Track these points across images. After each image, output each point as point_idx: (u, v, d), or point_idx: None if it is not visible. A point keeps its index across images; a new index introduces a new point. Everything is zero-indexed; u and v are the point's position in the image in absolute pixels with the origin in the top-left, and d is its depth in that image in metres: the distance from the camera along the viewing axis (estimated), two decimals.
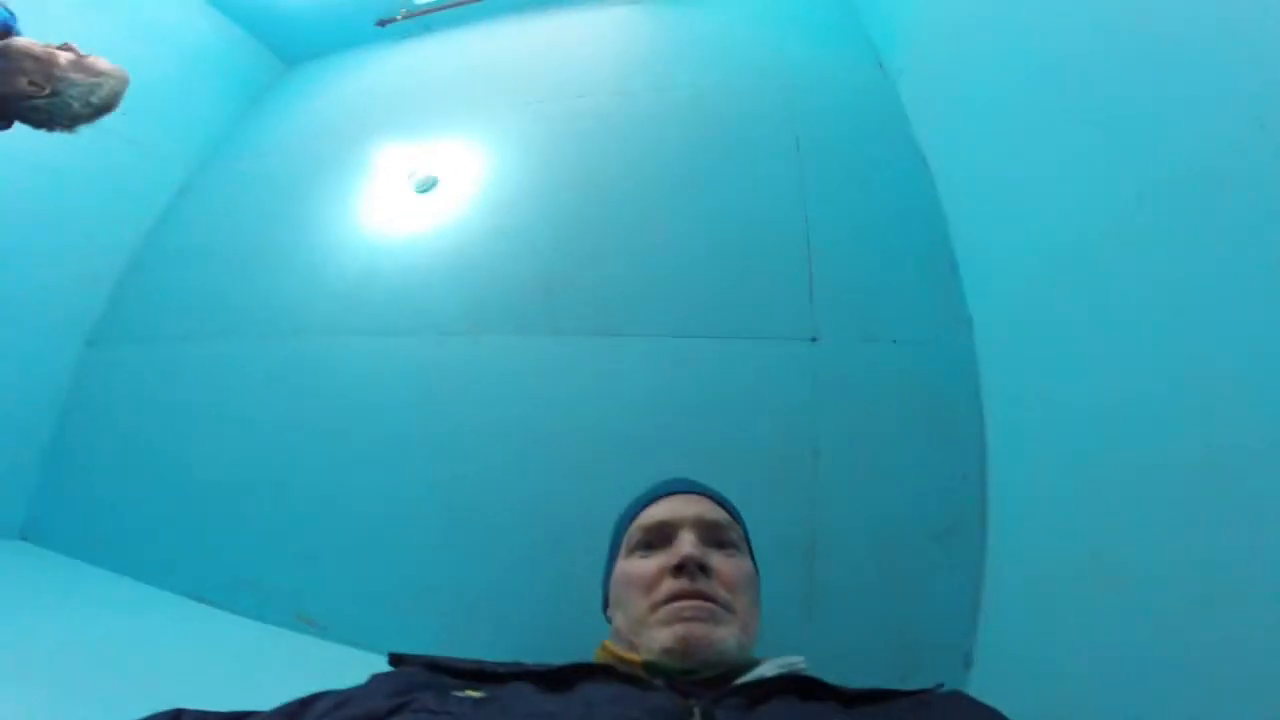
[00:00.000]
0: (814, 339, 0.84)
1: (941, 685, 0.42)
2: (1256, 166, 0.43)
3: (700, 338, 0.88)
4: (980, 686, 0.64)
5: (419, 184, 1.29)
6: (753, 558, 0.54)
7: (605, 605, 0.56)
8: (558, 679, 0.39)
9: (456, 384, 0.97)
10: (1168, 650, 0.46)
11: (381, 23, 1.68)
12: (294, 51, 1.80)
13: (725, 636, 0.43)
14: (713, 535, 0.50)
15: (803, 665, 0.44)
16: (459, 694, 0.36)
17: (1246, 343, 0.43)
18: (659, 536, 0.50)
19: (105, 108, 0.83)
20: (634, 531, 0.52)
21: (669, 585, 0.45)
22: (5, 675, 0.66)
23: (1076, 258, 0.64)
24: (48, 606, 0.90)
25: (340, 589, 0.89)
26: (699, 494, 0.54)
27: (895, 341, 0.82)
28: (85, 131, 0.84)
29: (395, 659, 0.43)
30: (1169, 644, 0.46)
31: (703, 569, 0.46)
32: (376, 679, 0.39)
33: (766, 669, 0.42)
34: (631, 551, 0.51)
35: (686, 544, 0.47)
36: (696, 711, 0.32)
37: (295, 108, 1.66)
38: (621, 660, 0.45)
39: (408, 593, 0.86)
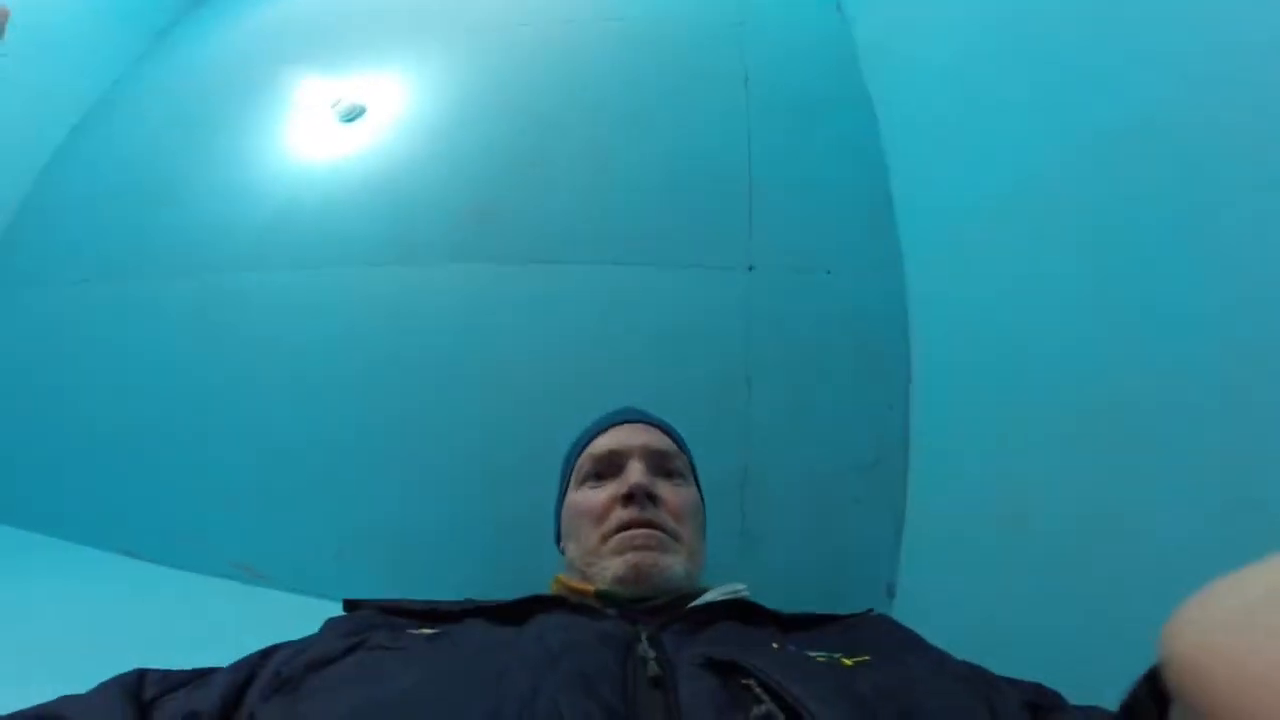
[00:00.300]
0: (750, 268, 0.84)
1: (871, 610, 0.44)
2: (1185, 124, 0.44)
3: (639, 265, 0.86)
4: (902, 616, 0.67)
5: (343, 113, 1.18)
6: (699, 486, 0.54)
7: (558, 537, 0.56)
8: (511, 613, 0.39)
9: (387, 315, 0.92)
10: (1066, 586, 0.49)
11: None
12: None
13: (673, 564, 0.44)
14: (660, 464, 0.50)
15: (745, 592, 0.45)
16: (413, 631, 0.36)
17: (1166, 295, 0.44)
18: (608, 466, 0.50)
19: None
20: (583, 461, 0.52)
21: (619, 515, 0.45)
22: None
23: (1011, 204, 0.65)
24: None
25: (278, 535, 0.85)
26: (647, 423, 0.54)
27: (828, 273, 0.82)
28: None
29: (350, 604, 0.43)
30: (1067, 580, 0.49)
31: (651, 498, 0.46)
32: (330, 623, 0.39)
33: (711, 596, 0.43)
34: (581, 482, 0.51)
35: (635, 473, 0.47)
36: (644, 636, 0.33)
37: (205, 42, 1.50)
38: (574, 591, 0.45)
39: (348, 535, 0.83)
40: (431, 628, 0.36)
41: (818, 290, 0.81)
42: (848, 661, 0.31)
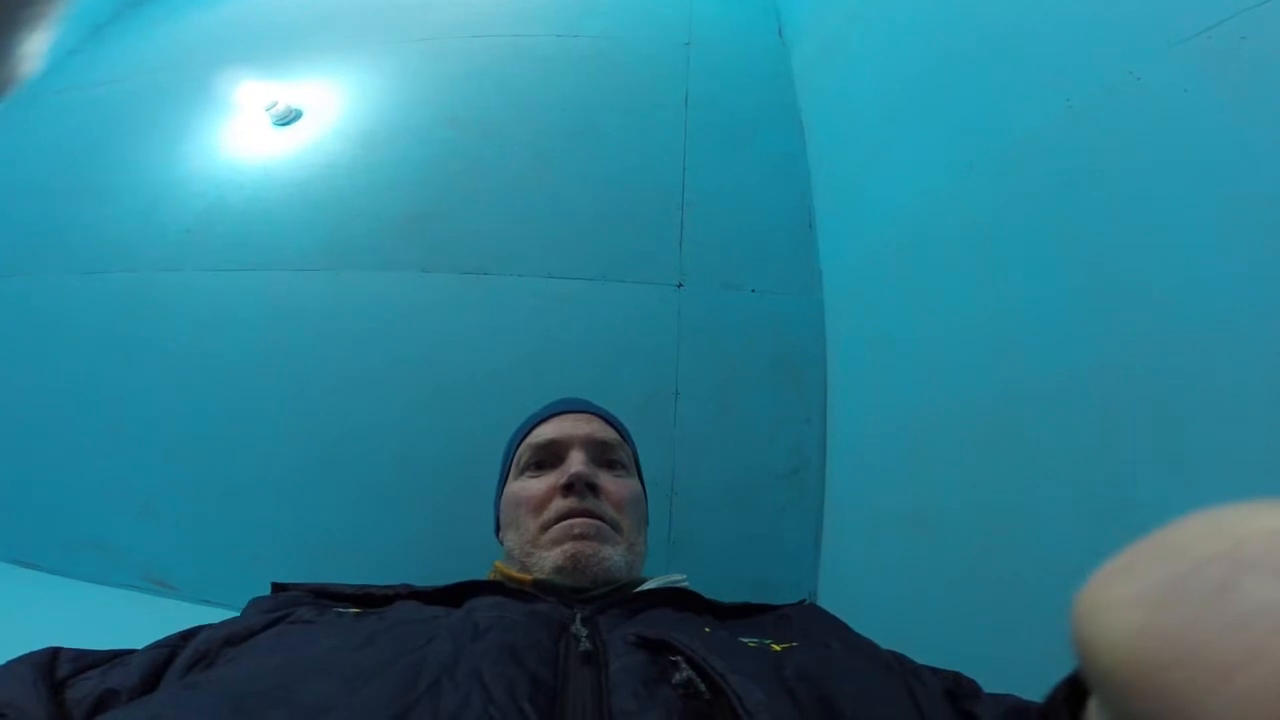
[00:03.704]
0: (680, 285, 0.81)
1: (804, 601, 0.43)
2: (1066, 137, 0.46)
3: (571, 279, 0.82)
4: None
5: (278, 116, 1.08)
6: (641, 478, 0.52)
7: (497, 528, 0.52)
8: (445, 596, 0.36)
9: (314, 322, 0.85)
10: (971, 582, 0.49)
11: None
12: None
13: (612, 555, 0.42)
14: (602, 454, 0.48)
15: (684, 582, 0.43)
16: (341, 610, 0.33)
17: (1058, 307, 0.45)
18: (549, 455, 0.47)
19: None
20: (524, 450, 0.49)
21: (558, 505, 0.43)
22: None
23: (920, 223, 0.66)
24: None
25: (192, 547, 0.77)
26: (590, 413, 0.51)
27: (754, 291, 0.81)
28: None
29: (277, 587, 0.39)
30: (971, 577, 0.49)
31: (591, 488, 0.44)
32: (254, 601, 0.36)
33: (650, 585, 0.42)
34: (521, 471, 0.48)
35: (576, 462, 0.45)
36: (578, 616, 0.31)
37: (136, 41, 1.36)
38: (511, 579, 0.43)
39: (267, 544, 0.75)
40: (360, 608, 0.34)
41: (743, 307, 0.80)
42: (776, 647, 0.30)
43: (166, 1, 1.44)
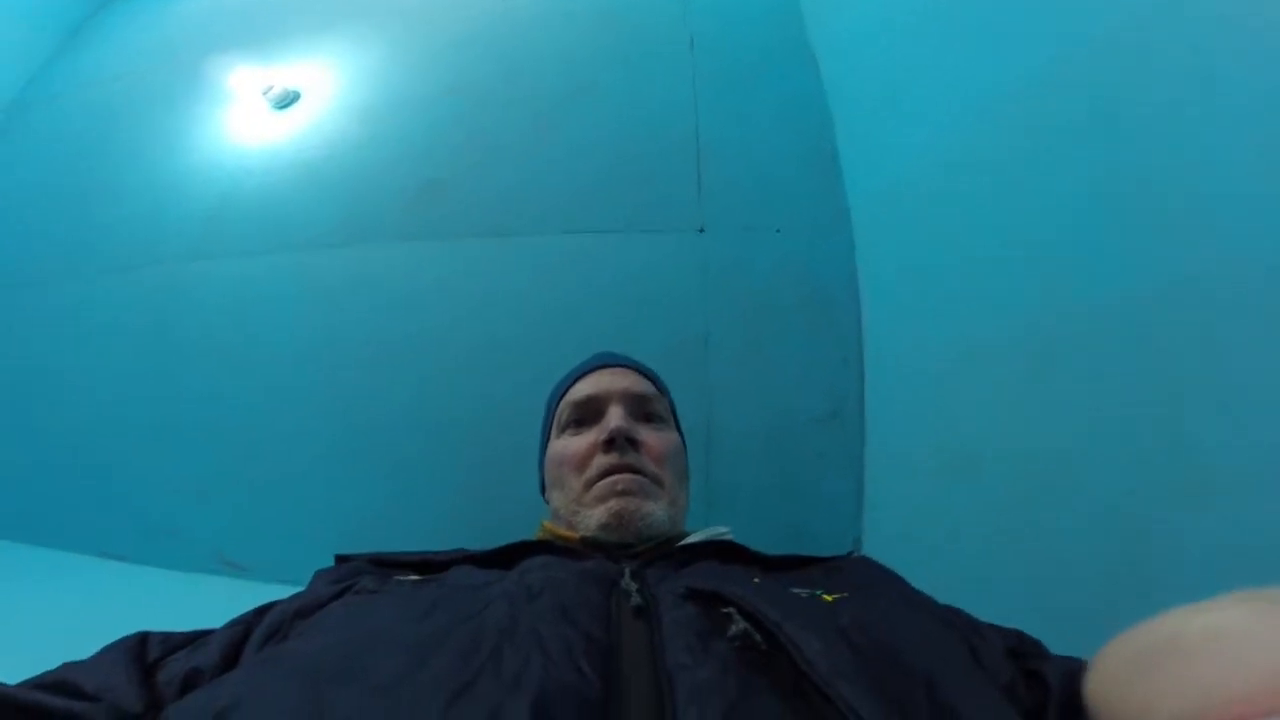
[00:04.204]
0: (701, 230, 0.78)
1: (854, 552, 0.42)
2: (1092, 73, 0.42)
3: (591, 233, 0.80)
4: None
5: (276, 99, 1.06)
6: (679, 430, 0.51)
7: (542, 488, 0.52)
8: (499, 558, 0.36)
9: (340, 297, 0.85)
10: (1017, 527, 0.47)
11: None
12: None
13: (655, 510, 0.41)
14: (640, 408, 0.47)
15: (729, 534, 0.43)
16: (401, 578, 0.34)
17: (1109, 233, 0.41)
18: (588, 412, 0.47)
19: None
20: (563, 409, 0.49)
21: (600, 461, 0.43)
22: None
23: (949, 154, 0.63)
24: None
25: (257, 527, 0.79)
26: (626, 367, 0.51)
27: (779, 231, 0.77)
28: None
29: (340, 558, 0.40)
30: (1018, 522, 0.47)
31: (632, 442, 0.43)
32: (319, 573, 0.38)
33: (694, 538, 0.42)
34: (562, 430, 0.48)
35: (615, 417, 0.44)
36: (627, 571, 0.31)
37: (123, 34, 1.34)
38: (559, 537, 0.43)
39: (323, 520, 0.77)
40: (421, 576, 0.34)
41: (768, 248, 0.77)
42: (828, 598, 0.29)
43: None
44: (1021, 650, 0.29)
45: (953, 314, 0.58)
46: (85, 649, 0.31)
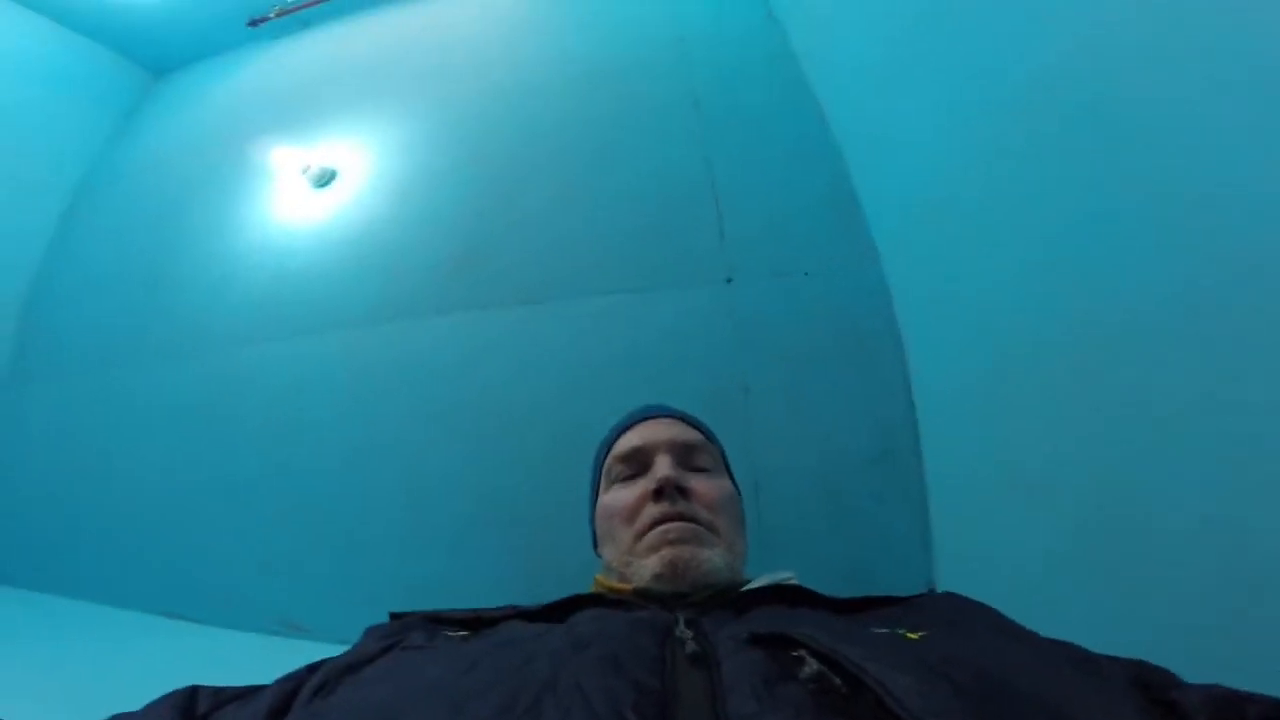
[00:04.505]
0: (729, 280, 0.79)
1: (933, 589, 0.38)
2: (1107, 73, 0.41)
3: (621, 293, 0.82)
4: None
5: (315, 178, 1.13)
6: (732, 478, 0.49)
7: (595, 543, 0.51)
8: (549, 613, 0.35)
9: (384, 372, 0.89)
10: (1103, 556, 0.44)
11: (253, 22, 1.45)
12: (163, 62, 1.56)
13: (711, 556, 0.39)
14: (688, 457, 0.46)
15: (794, 579, 0.41)
16: (450, 634, 0.33)
17: (1135, 241, 0.40)
18: (636, 464, 0.46)
19: None
20: (611, 463, 0.48)
21: (650, 511, 0.42)
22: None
23: (964, 175, 0.62)
24: (27, 642, 0.83)
25: (315, 590, 0.81)
26: (672, 417, 0.50)
27: (806, 275, 0.77)
28: None
29: (395, 616, 0.40)
30: (1096, 555, 0.44)
31: (681, 491, 0.42)
32: (370, 630, 0.37)
33: (757, 583, 0.40)
34: (611, 484, 0.47)
35: (663, 467, 0.43)
36: (680, 619, 0.29)
37: (171, 119, 1.45)
38: (613, 590, 0.42)
39: (380, 582, 0.78)
40: (470, 631, 0.34)
41: (799, 292, 0.77)
42: (911, 635, 0.27)
43: (184, 78, 1.54)
44: (1148, 680, 0.26)
45: (997, 333, 0.56)
46: (144, 701, 0.32)
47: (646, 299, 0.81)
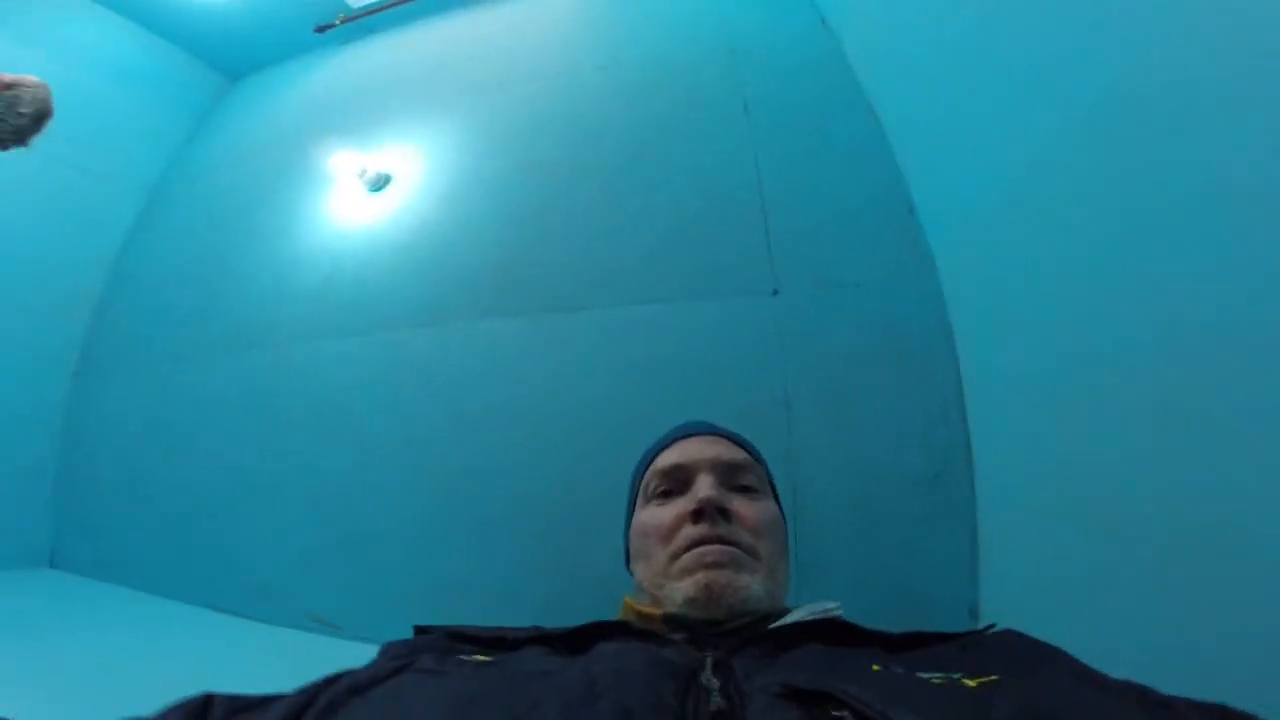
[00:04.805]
0: (775, 291, 0.76)
1: (993, 626, 0.36)
2: (1180, 81, 0.38)
3: (663, 302, 0.81)
4: None
5: (371, 182, 1.18)
6: (777, 501, 0.47)
7: (627, 559, 0.48)
8: (572, 641, 0.34)
9: (429, 373, 0.91)
10: (1175, 603, 0.40)
11: (320, 29, 1.53)
12: (235, 66, 1.66)
13: (750, 583, 0.37)
14: (732, 478, 0.44)
15: (838, 611, 0.38)
16: (464, 657, 0.32)
17: (1213, 258, 0.36)
18: (676, 481, 0.44)
19: (40, 115, 0.77)
20: (650, 478, 0.46)
21: (688, 532, 0.39)
22: (45, 691, 0.64)
23: (1031, 188, 0.59)
24: (78, 626, 0.87)
25: (347, 587, 0.83)
26: (716, 434, 0.48)
27: (858, 286, 0.74)
28: (38, 165, 0.79)
29: (419, 630, 0.39)
30: (1176, 596, 0.40)
31: (723, 513, 0.40)
32: (387, 647, 0.36)
33: (796, 615, 0.37)
34: (649, 500, 0.45)
35: (704, 487, 0.41)
36: (709, 661, 0.27)
37: (243, 121, 1.54)
38: (640, 615, 0.40)
39: (407, 584, 0.80)
40: (488, 655, 0.32)
41: (849, 305, 0.74)
42: (970, 682, 0.24)
43: (254, 82, 1.63)
44: None
45: (1059, 350, 0.52)
46: (178, 691, 0.32)
47: (689, 308, 0.79)
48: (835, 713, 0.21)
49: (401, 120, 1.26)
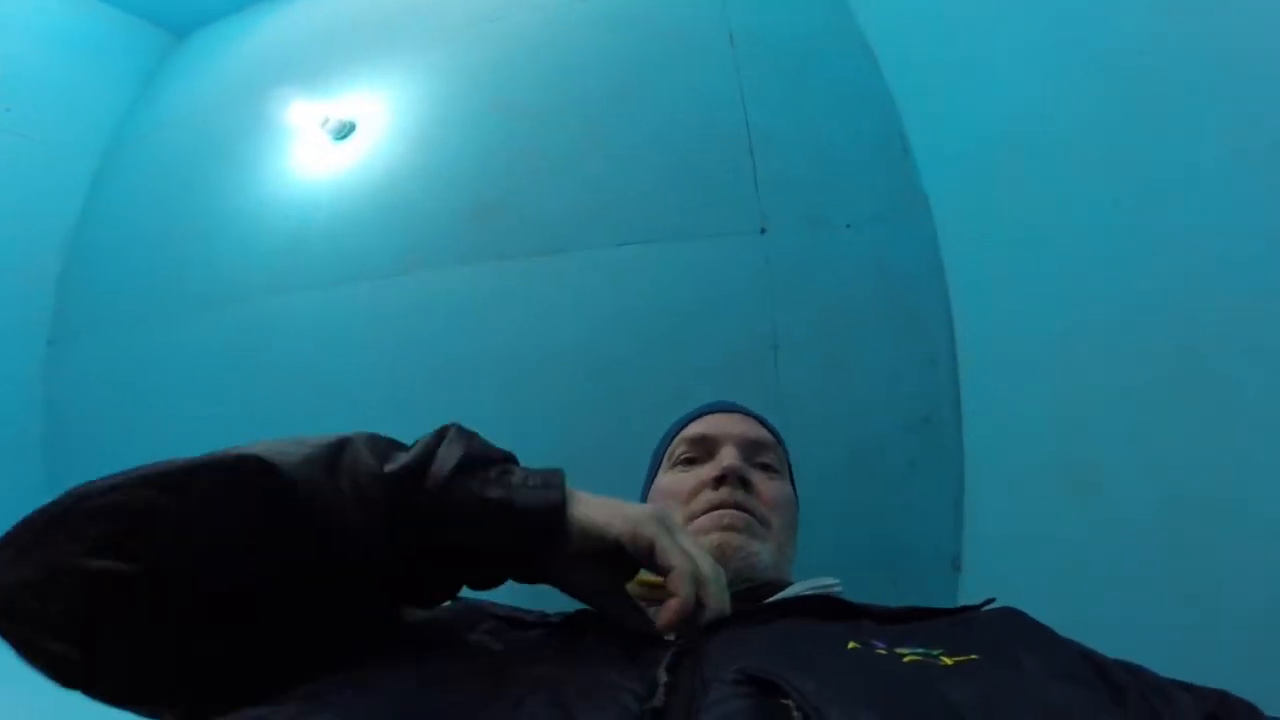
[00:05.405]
0: (763, 230, 0.73)
1: (991, 601, 0.35)
2: (1196, 35, 0.35)
3: (646, 243, 0.77)
4: (972, 591, 0.59)
5: (334, 131, 1.09)
6: (793, 485, 0.49)
7: None
8: (567, 631, 0.32)
9: (407, 323, 0.87)
10: (1152, 563, 0.39)
11: None
12: (180, 22, 1.51)
13: (760, 550, 0.39)
14: (755, 454, 0.45)
15: (837, 588, 0.39)
16: (479, 633, 0.30)
17: (1218, 214, 0.34)
18: (701, 451, 0.45)
19: None
20: (676, 444, 0.47)
21: (708, 496, 0.41)
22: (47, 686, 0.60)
23: (1030, 129, 0.55)
24: None
25: None
26: (745, 414, 0.50)
27: (849, 225, 0.70)
28: None
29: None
30: (1153, 557, 0.40)
31: (743, 483, 0.41)
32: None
33: (795, 589, 0.38)
34: (673, 465, 0.46)
35: (728, 456, 0.42)
36: (663, 663, 0.24)
37: (194, 77, 1.42)
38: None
39: None
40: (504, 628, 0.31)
41: (839, 246, 0.70)
42: (948, 660, 0.23)
43: (204, 37, 1.49)
44: (1228, 717, 0.22)
45: (1058, 297, 0.51)
46: None
47: (674, 249, 0.75)
48: (783, 700, 0.21)
49: (363, 65, 1.16)
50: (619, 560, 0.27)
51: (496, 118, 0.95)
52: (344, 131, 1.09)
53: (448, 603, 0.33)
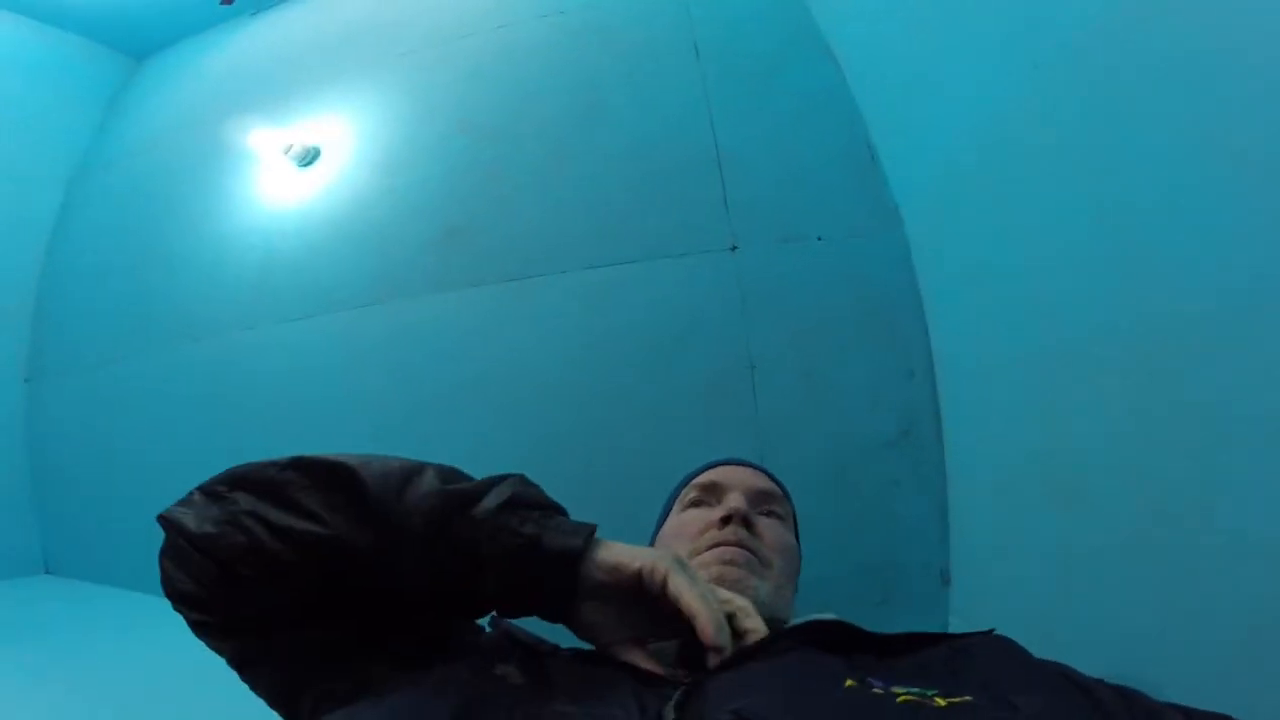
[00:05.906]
0: (733, 247, 0.71)
1: (992, 631, 0.35)
2: (1172, 46, 0.33)
3: (616, 265, 0.75)
4: (962, 604, 0.58)
5: (298, 157, 1.05)
6: (797, 538, 0.50)
7: None
8: (582, 663, 0.32)
9: (380, 354, 0.85)
10: (1139, 575, 0.38)
11: (225, 0, 1.34)
12: (139, 46, 1.47)
13: (759, 586, 0.40)
14: (762, 502, 0.47)
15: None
16: (500, 670, 0.30)
17: (1191, 228, 0.33)
18: (710, 496, 0.47)
19: None
20: (687, 490, 0.49)
21: (713, 535, 0.42)
22: (46, 694, 0.63)
23: (999, 138, 0.54)
24: (76, 629, 0.86)
25: None
26: (755, 468, 0.52)
27: (820, 239, 0.69)
28: None
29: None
30: (1140, 570, 0.38)
31: (747, 524, 0.42)
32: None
33: (793, 624, 0.37)
34: (684, 509, 0.48)
35: (735, 500, 0.44)
36: (674, 697, 0.26)
37: (155, 103, 1.37)
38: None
39: None
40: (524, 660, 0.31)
41: (811, 260, 0.69)
42: (941, 701, 0.23)
43: (163, 61, 1.45)
44: None
45: (1033, 305, 0.50)
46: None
47: (645, 270, 0.74)
48: None
49: (326, 89, 1.13)
50: (636, 598, 0.29)
51: (463, 140, 0.92)
52: (309, 158, 1.05)
53: (487, 630, 0.36)
